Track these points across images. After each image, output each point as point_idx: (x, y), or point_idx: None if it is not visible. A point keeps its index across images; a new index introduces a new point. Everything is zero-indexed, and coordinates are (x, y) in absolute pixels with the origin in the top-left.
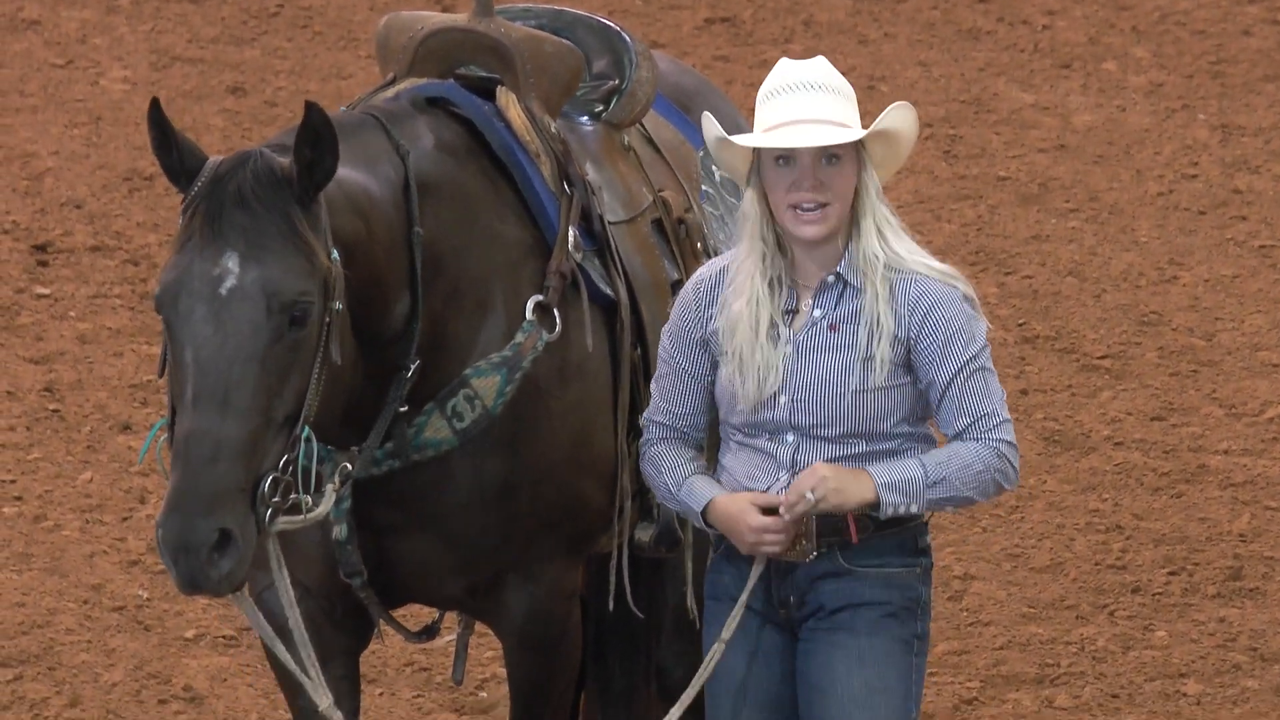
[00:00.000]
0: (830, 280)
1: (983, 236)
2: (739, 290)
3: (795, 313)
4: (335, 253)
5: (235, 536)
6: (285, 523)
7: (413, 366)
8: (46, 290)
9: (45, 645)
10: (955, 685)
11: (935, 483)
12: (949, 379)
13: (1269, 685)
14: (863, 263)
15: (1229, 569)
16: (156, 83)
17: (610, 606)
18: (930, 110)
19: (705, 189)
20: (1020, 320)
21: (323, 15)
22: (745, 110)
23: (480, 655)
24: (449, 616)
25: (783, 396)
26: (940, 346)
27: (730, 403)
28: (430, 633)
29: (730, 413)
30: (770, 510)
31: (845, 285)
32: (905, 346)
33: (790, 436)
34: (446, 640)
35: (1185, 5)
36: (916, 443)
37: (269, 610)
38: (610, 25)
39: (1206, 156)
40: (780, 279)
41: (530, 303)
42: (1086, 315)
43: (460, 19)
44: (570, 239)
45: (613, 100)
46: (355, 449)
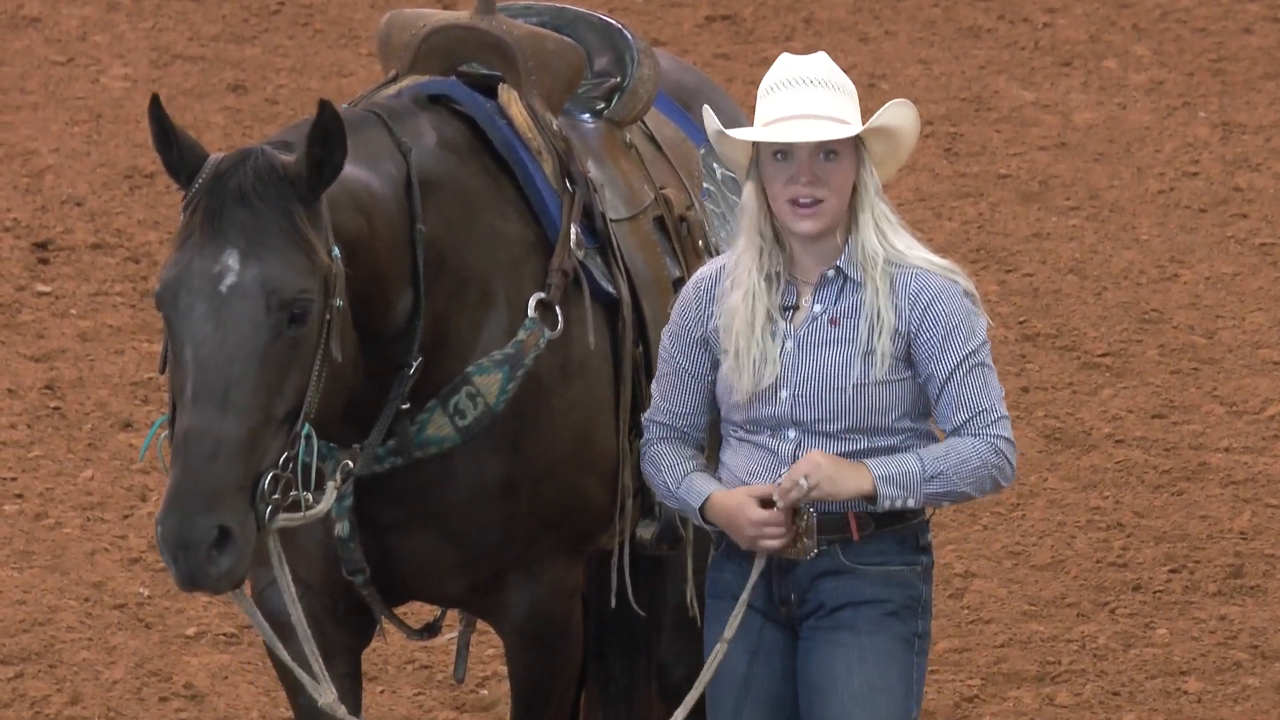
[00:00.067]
0: (830, 275)
1: (983, 234)
2: (736, 284)
3: (795, 309)
4: (336, 250)
5: (234, 534)
6: (285, 520)
7: (415, 364)
8: (47, 288)
9: (46, 643)
10: (956, 683)
11: (932, 477)
12: (948, 373)
13: (1270, 683)
14: (862, 258)
15: (1230, 567)
16: (157, 80)
17: (612, 604)
18: (931, 108)
19: (707, 186)
20: (1021, 318)
21: (324, 13)
22: (746, 108)
23: (481, 653)
24: (450, 614)
25: (784, 391)
26: (940, 340)
27: (728, 398)
28: (432, 630)
29: (730, 409)
30: (769, 504)
31: (845, 280)
32: (906, 340)
33: (792, 432)
34: (448, 638)
35: (1186, 3)
36: (919, 439)
37: (271, 608)
38: (612, 23)
39: (1207, 154)
40: (778, 274)
41: (532, 300)
42: (1087, 313)
43: (462, 16)
44: (572, 236)
45: (614, 98)
46: (357, 446)
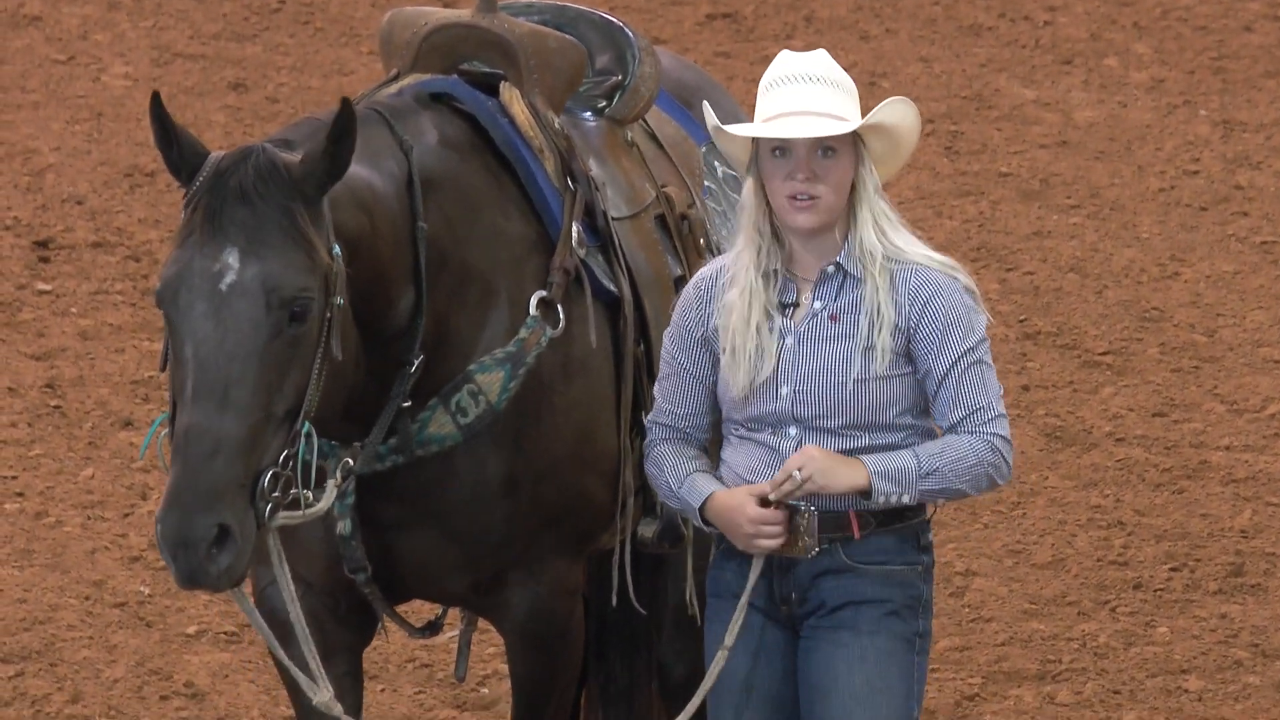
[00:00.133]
0: (830, 270)
1: (984, 233)
2: (734, 280)
3: (795, 305)
4: (337, 248)
5: (234, 532)
6: (285, 518)
7: (416, 362)
8: (48, 286)
9: (47, 641)
10: (957, 681)
11: (928, 474)
12: (946, 369)
13: (1270, 681)
14: (861, 254)
15: (1230, 565)
16: (158, 79)
17: (613, 603)
18: (932, 106)
19: (708, 184)
20: (1022, 316)
21: (324, 11)
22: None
23: (482, 651)
24: (452, 613)
25: (784, 388)
26: (939, 335)
27: (728, 395)
28: (433, 629)
29: (731, 408)
30: (768, 503)
31: (845, 275)
32: (905, 335)
33: (792, 430)
34: (449, 636)
35: (1187, 1)
36: (919, 436)
37: (271, 606)
38: (613, 21)
39: (1208, 152)
40: (777, 271)
41: (534, 298)
42: (1088, 311)
43: (464, 14)
44: (574, 235)
45: (616, 96)
46: (358, 444)
